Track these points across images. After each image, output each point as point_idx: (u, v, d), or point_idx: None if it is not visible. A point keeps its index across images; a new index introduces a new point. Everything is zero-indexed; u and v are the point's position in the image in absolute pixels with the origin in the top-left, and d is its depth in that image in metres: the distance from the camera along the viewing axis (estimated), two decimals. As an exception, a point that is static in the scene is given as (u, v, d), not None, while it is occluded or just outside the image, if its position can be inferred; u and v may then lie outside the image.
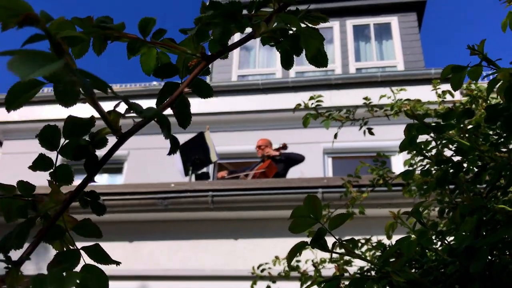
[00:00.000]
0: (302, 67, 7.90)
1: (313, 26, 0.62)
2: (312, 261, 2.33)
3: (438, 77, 3.50)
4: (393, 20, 8.40)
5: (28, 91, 0.40)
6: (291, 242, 0.98)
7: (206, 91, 0.60)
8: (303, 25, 0.60)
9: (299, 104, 2.13)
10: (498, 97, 1.43)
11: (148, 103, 0.54)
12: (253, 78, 8.09)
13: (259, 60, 8.45)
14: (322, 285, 0.92)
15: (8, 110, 0.40)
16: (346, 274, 1.78)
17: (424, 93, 2.72)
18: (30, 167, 0.48)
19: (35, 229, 0.51)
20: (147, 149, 7.19)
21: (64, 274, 0.45)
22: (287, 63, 0.67)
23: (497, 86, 1.11)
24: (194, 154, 5.74)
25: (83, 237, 0.56)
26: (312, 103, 2.12)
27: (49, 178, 0.52)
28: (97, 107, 0.43)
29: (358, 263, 1.90)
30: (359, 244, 1.91)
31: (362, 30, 8.52)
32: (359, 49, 8.33)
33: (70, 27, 0.46)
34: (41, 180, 0.66)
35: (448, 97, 2.31)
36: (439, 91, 2.30)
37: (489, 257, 1.12)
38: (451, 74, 1.17)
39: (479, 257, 0.90)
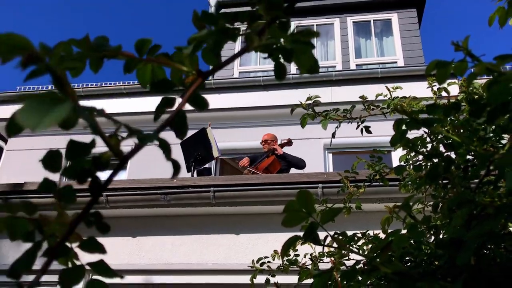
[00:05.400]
0: (303, 63, 7.89)
1: (305, 41, 0.63)
2: (311, 255, 2.37)
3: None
4: (393, 17, 8.41)
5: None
6: (292, 236, 1.01)
7: (202, 104, 0.64)
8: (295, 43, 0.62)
9: (297, 105, 2.17)
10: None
11: (152, 100, 0.56)
12: (254, 75, 8.12)
13: (260, 56, 8.47)
14: (315, 277, 0.96)
15: (9, 136, 0.43)
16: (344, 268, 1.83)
17: (424, 89, 2.75)
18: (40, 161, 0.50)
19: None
20: (150, 144, 7.21)
21: None
22: (280, 75, 0.69)
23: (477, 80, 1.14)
24: (196, 150, 5.78)
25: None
26: (309, 104, 2.15)
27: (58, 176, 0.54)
28: (101, 134, 0.46)
29: (356, 258, 1.93)
30: (356, 238, 1.95)
31: (363, 27, 8.53)
32: (360, 46, 8.35)
33: (67, 48, 0.50)
34: (43, 175, 0.69)
35: (447, 95, 2.33)
36: (435, 88, 2.33)
37: (483, 251, 1.16)
38: (436, 70, 1.20)
39: (466, 248, 0.93)
